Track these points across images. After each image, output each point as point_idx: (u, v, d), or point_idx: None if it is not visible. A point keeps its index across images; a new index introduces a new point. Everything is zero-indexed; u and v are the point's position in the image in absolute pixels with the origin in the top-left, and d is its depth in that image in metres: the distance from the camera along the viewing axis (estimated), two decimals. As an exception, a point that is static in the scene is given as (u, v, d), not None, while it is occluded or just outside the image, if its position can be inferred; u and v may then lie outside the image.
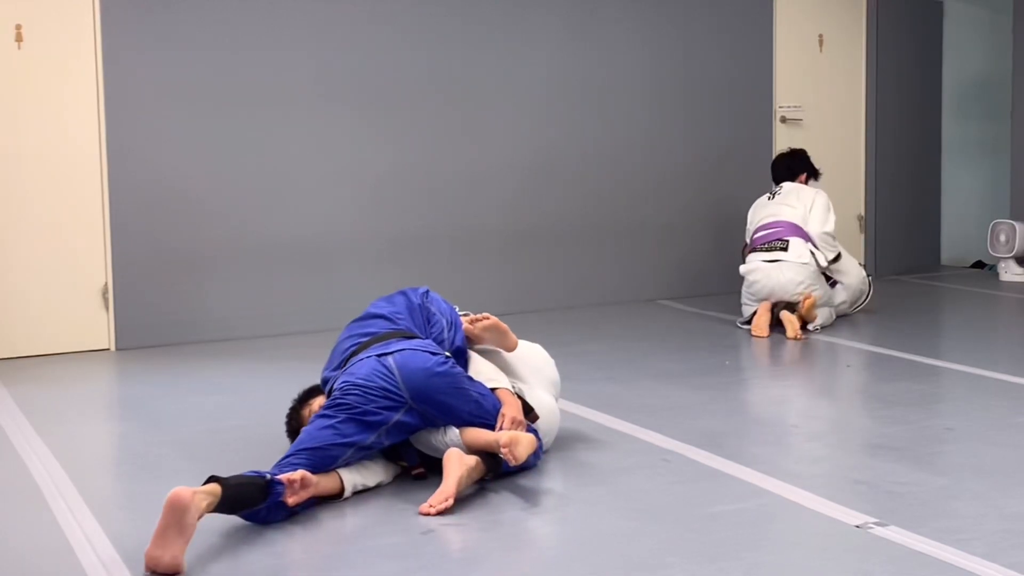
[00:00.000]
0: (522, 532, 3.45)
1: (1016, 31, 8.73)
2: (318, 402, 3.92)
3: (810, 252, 6.60)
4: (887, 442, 4.27)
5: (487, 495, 3.68)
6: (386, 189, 6.94)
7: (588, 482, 3.85)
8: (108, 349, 6.27)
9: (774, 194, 6.96)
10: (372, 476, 3.74)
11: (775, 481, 3.79)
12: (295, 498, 3.42)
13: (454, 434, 3.77)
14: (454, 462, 3.59)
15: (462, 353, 4.07)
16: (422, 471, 3.82)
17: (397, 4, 6.92)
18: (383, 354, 3.77)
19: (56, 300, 6.15)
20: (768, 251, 6.65)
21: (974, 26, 9.45)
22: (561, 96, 7.44)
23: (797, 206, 6.78)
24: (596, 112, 7.56)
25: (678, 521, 3.45)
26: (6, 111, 6.01)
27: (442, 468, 3.62)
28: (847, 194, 8.48)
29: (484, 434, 3.74)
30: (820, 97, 8.42)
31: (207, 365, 5.85)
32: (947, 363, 5.72)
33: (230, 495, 3.25)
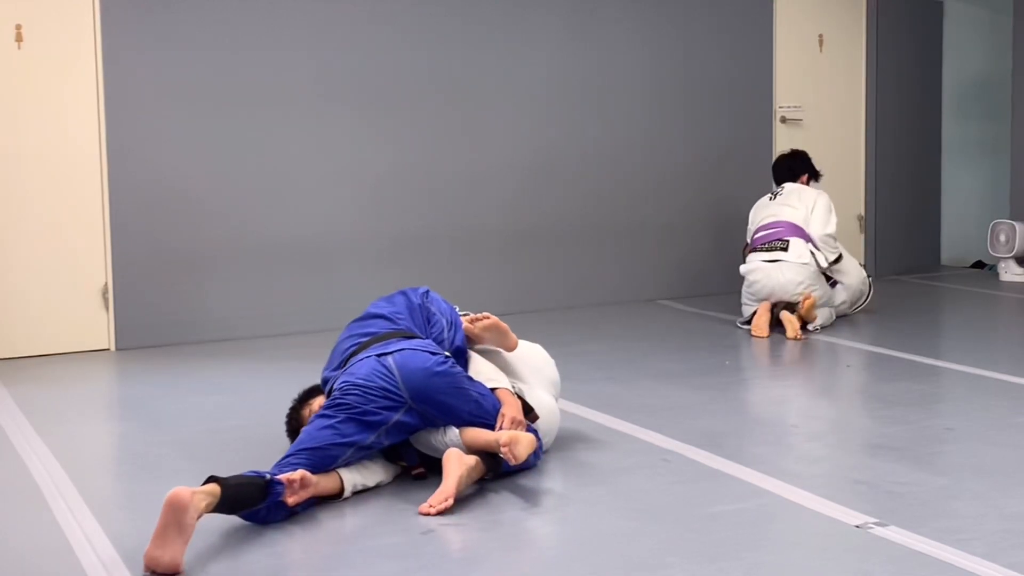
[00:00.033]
0: (522, 532, 3.45)
1: (1016, 31, 8.73)
2: (318, 402, 3.92)
3: (810, 252, 6.60)
4: (887, 442, 4.27)
5: (487, 495, 3.68)
6: (386, 189, 6.94)
7: (588, 482, 3.85)
8: (108, 349, 6.27)
9: (776, 194, 6.96)
10: (372, 476, 3.74)
11: (775, 481, 3.79)
12: (295, 498, 3.42)
13: (454, 434, 3.77)
14: (454, 462, 3.59)
15: (462, 353, 4.07)
16: (422, 471, 3.82)
17: (397, 4, 6.92)
18: (383, 354, 3.77)
19: (56, 300, 6.15)
20: (768, 251, 6.65)
21: (974, 26, 9.45)
22: (561, 96, 7.44)
23: (798, 207, 6.78)
24: (596, 112, 7.56)
25: (678, 521, 3.45)
26: (6, 111, 6.01)
27: (442, 468, 3.62)
28: (847, 194, 8.48)
29: (484, 434, 3.74)
30: (820, 97, 8.42)
31: (207, 365, 5.85)
32: (947, 363, 5.72)
33: (229, 495, 3.25)
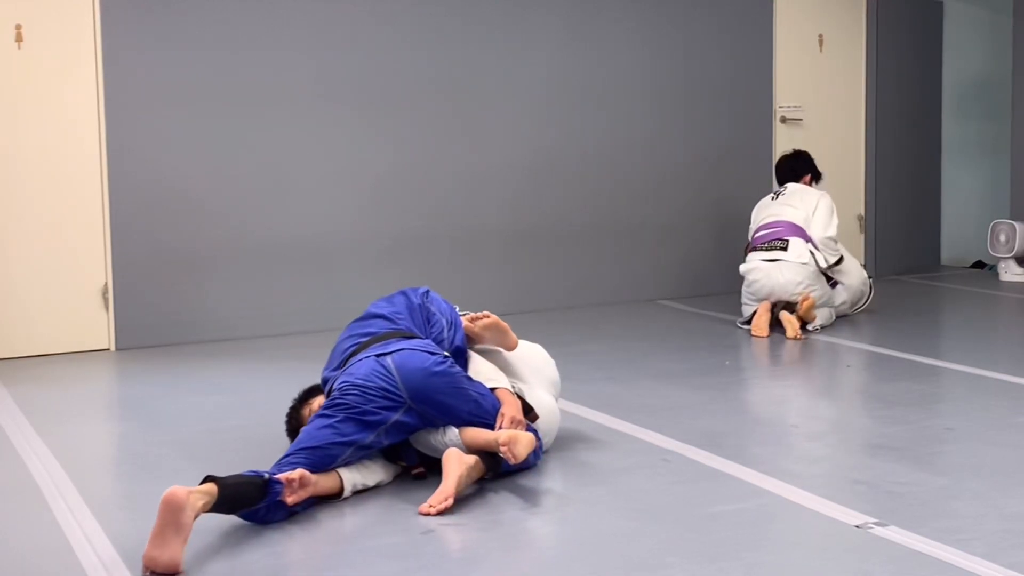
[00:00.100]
0: (522, 532, 3.45)
1: (1016, 31, 8.72)
2: (318, 402, 3.92)
3: (810, 252, 6.60)
4: (887, 442, 4.27)
5: (487, 495, 3.68)
6: (386, 189, 6.94)
7: (588, 482, 3.85)
8: (108, 349, 6.27)
9: (778, 194, 6.96)
10: (372, 476, 3.74)
11: (775, 481, 3.79)
12: (294, 497, 3.42)
13: (453, 434, 3.77)
14: (453, 462, 3.59)
15: (462, 353, 4.07)
16: (422, 471, 3.82)
17: (397, 4, 6.92)
18: (382, 354, 3.77)
19: (56, 300, 6.15)
20: (768, 251, 6.65)
21: (974, 26, 9.45)
22: (561, 96, 7.44)
23: (800, 207, 6.78)
24: (596, 112, 7.55)
25: (678, 521, 3.45)
26: (6, 111, 6.01)
27: (442, 468, 3.62)
28: (847, 194, 8.47)
29: (483, 433, 3.74)
30: (820, 97, 8.42)
31: (207, 365, 5.85)
32: (947, 363, 5.72)
33: (227, 494, 3.25)
